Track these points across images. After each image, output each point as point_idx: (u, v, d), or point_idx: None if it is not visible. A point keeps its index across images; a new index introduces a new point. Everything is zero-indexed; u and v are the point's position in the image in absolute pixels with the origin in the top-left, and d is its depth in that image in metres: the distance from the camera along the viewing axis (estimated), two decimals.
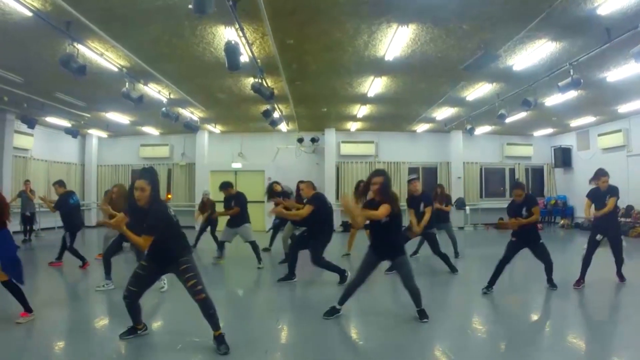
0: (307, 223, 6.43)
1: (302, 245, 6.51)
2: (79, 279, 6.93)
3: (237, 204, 7.65)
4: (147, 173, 3.71)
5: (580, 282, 5.92)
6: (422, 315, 4.55)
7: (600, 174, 6.03)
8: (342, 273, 6.28)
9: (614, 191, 5.93)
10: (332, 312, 4.70)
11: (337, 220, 14.03)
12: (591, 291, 5.77)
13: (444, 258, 7.01)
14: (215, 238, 9.02)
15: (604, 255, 6.22)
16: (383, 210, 4.25)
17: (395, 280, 6.55)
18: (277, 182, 8.82)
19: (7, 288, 4.35)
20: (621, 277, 6.17)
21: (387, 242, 4.52)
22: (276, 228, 9.57)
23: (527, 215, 5.67)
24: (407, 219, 6.86)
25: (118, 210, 5.43)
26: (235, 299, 6.02)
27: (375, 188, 4.41)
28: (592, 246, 5.99)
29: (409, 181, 7.30)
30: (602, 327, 4.49)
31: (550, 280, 5.80)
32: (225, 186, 7.83)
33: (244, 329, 4.36)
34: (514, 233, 5.84)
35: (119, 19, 5.82)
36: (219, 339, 3.73)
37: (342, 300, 4.74)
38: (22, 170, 12.70)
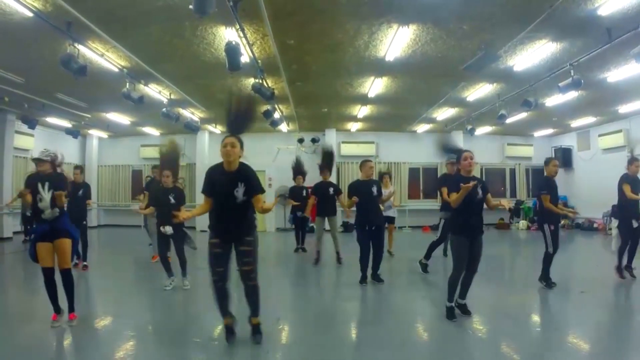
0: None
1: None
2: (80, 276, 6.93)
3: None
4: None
5: (622, 270, 6.07)
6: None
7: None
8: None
9: None
10: (464, 310, 4.67)
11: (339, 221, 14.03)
12: (592, 291, 5.77)
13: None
14: None
15: (605, 252, 6.23)
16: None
17: (396, 280, 6.56)
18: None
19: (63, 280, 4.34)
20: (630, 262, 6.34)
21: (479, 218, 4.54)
22: (299, 225, 9.70)
23: None
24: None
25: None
26: (234, 298, 6.01)
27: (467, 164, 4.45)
28: (628, 234, 6.09)
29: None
30: (604, 327, 4.49)
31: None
32: None
33: (244, 328, 4.35)
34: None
35: (120, 19, 5.83)
36: (256, 328, 3.87)
37: (463, 294, 4.68)
38: (23, 171, 12.68)
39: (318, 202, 8.11)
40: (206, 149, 15.25)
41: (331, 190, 8.11)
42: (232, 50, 5.96)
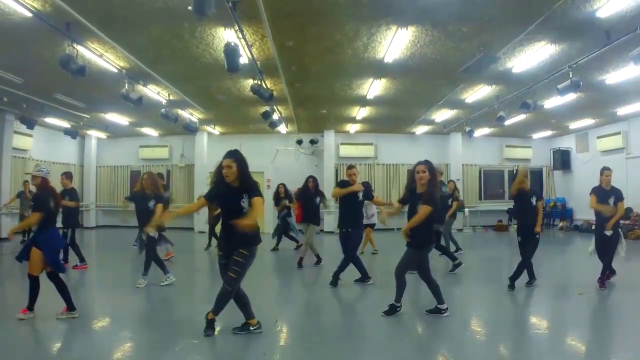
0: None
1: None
2: (80, 278, 6.91)
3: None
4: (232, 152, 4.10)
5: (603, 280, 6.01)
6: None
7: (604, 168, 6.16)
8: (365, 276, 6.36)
9: (620, 195, 6.06)
10: (392, 311, 4.76)
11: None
12: (590, 293, 5.77)
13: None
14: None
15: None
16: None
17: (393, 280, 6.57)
18: (282, 184, 9.63)
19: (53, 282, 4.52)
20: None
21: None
22: (282, 229, 9.80)
23: None
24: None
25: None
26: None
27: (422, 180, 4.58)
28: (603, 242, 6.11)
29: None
30: (602, 329, 4.49)
31: None
32: None
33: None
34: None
35: (119, 20, 5.83)
36: (210, 323, 4.01)
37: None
38: (21, 171, 12.67)
39: (304, 208, 8.23)
40: (205, 150, 15.24)
41: (317, 199, 8.24)
42: (231, 52, 5.96)
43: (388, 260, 8.40)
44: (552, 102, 9.91)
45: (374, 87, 9.20)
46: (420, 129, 14.61)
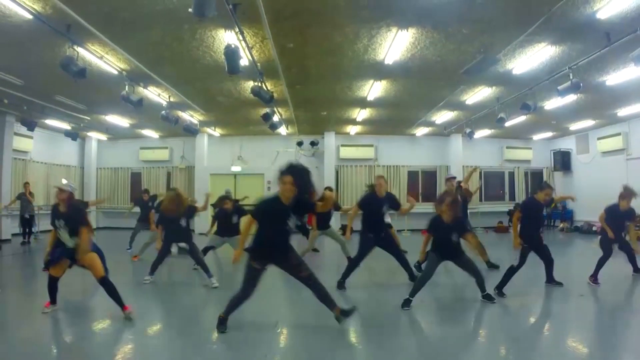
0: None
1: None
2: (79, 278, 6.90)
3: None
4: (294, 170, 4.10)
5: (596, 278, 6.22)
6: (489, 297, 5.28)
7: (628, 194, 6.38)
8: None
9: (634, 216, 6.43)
10: (407, 304, 5.09)
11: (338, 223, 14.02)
12: (591, 294, 5.76)
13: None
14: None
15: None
16: None
17: (392, 283, 6.58)
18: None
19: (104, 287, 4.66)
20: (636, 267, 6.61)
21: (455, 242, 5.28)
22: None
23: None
24: None
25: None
26: None
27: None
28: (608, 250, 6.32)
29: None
30: (603, 330, 4.48)
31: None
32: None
33: (242, 332, 4.34)
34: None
35: (119, 22, 5.83)
36: (344, 313, 4.30)
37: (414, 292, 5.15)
38: (22, 173, 12.69)
39: (318, 217, 8.16)
40: (205, 152, 15.26)
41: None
42: (231, 54, 5.96)
43: (390, 261, 8.39)
44: (552, 104, 9.92)
45: (374, 89, 9.21)
46: (420, 131, 14.60)
